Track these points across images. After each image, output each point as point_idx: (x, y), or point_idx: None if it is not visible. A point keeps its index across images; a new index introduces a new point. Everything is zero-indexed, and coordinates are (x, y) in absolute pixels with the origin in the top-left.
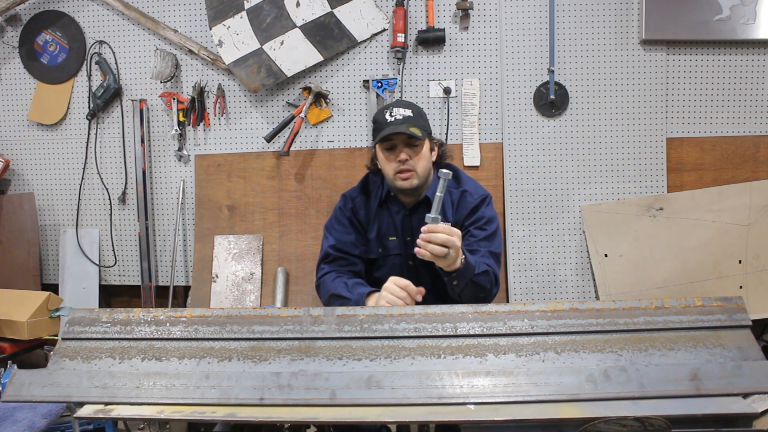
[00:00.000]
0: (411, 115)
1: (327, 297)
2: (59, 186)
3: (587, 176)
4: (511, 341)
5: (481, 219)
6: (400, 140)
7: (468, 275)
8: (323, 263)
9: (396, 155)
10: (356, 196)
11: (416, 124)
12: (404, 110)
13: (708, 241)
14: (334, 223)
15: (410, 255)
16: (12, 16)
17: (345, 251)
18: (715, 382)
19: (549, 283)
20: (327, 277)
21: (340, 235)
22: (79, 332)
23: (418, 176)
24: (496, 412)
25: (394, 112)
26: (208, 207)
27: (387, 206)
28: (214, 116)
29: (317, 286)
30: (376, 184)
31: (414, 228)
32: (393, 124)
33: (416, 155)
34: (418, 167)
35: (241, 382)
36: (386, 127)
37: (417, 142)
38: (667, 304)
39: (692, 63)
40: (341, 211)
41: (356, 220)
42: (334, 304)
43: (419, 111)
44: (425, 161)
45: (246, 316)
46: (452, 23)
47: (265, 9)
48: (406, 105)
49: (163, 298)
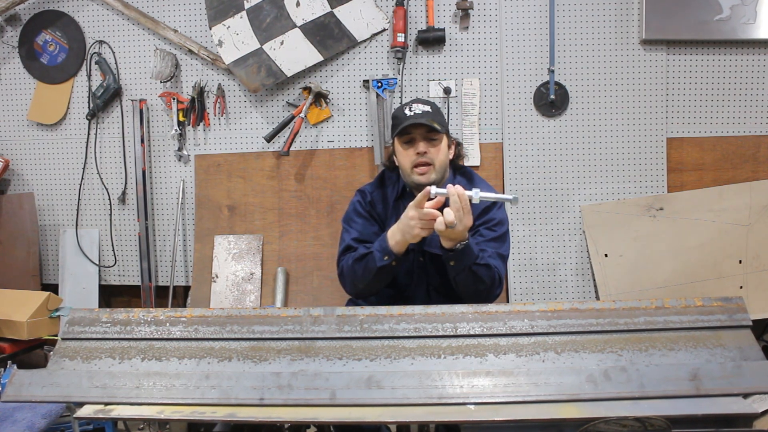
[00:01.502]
0: (430, 111)
1: (349, 266)
2: (59, 186)
3: (587, 176)
4: (511, 341)
5: (492, 220)
6: (419, 133)
7: (467, 261)
8: (345, 255)
9: (415, 148)
10: (373, 190)
11: (435, 119)
12: (424, 106)
13: (708, 241)
14: (354, 217)
15: (422, 251)
16: (12, 16)
17: (367, 242)
18: (716, 382)
19: (549, 283)
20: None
21: (362, 227)
22: (79, 332)
23: (435, 170)
24: (496, 412)
25: (413, 107)
26: (208, 207)
27: (403, 202)
28: (214, 116)
29: (340, 274)
30: (392, 180)
31: None
32: (412, 118)
33: (435, 149)
34: (437, 161)
35: (241, 382)
36: (406, 121)
37: (436, 136)
38: (667, 304)
39: (692, 63)
40: (360, 204)
41: (375, 213)
42: (357, 267)
43: (438, 108)
44: (443, 155)
45: (246, 316)
46: (452, 23)
47: (265, 9)
48: (425, 102)
49: (163, 298)
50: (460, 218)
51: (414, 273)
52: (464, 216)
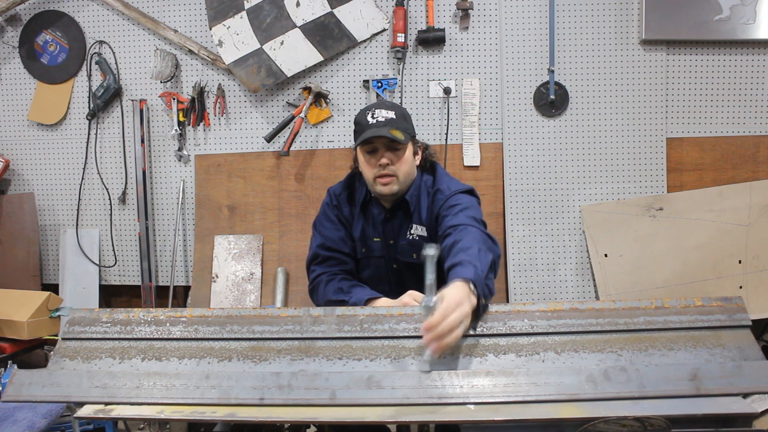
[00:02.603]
0: (394, 117)
1: (323, 301)
2: (59, 186)
3: (587, 176)
4: (511, 341)
5: (454, 205)
6: (381, 143)
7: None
8: (313, 265)
9: (377, 159)
10: (340, 192)
11: (399, 126)
12: (387, 112)
13: (708, 241)
14: (323, 220)
15: (394, 258)
16: (12, 16)
17: (334, 249)
18: (715, 382)
19: (549, 283)
20: (320, 281)
21: (329, 232)
22: (79, 332)
23: (398, 182)
24: (496, 412)
25: (376, 113)
26: (208, 207)
27: (369, 208)
28: (214, 116)
29: (310, 291)
30: (361, 183)
31: (395, 231)
32: (374, 126)
33: (398, 159)
34: (400, 172)
35: (241, 382)
36: (367, 130)
37: (399, 146)
38: (667, 304)
39: (692, 63)
40: (328, 207)
41: (342, 216)
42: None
43: (402, 113)
44: (407, 166)
45: (246, 316)
46: (452, 23)
47: (265, 9)
48: (389, 106)
49: (163, 298)
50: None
51: (389, 279)
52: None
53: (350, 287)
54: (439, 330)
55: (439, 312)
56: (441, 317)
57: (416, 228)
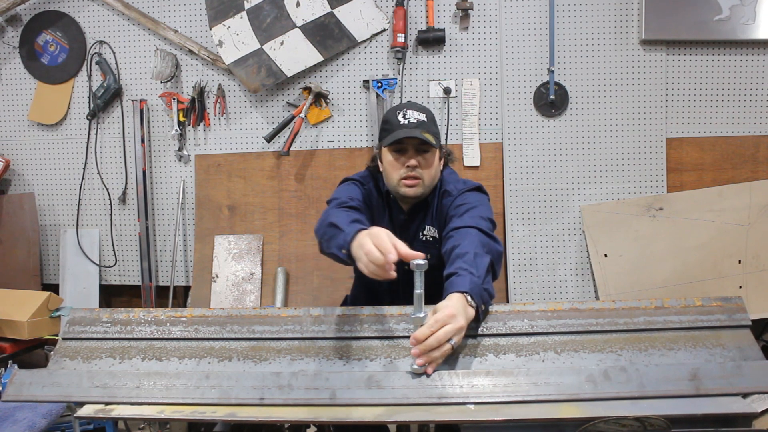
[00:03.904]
0: (425, 120)
1: (323, 224)
2: (59, 186)
3: (587, 176)
4: (511, 341)
5: (460, 205)
6: (411, 144)
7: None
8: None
9: (405, 160)
10: (366, 183)
11: (430, 130)
12: (419, 114)
13: (708, 241)
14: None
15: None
16: (12, 17)
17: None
18: (715, 382)
19: (549, 283)
20: (329, 209)
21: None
22: (79, 332)
23: (424, 185)
24: (496, 412)
25: (408, 114)
26: (208, 207)
27: (388, 206)
28: (214, 116)
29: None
30: (380, 180)
31: (411, 233)
32: (406, 127)
33: (426, 163)
34: (426, 177)
35: (241, 382)
36: (399, 129)
37: (429, 149)
38: (667, 304)
39: (692, 63)
40: (354, 184)
41: (369, 200)
42: (326, 233)
43: (432, 117)
44: (434, 171)
45: (246, 316)
46: (452, 23)
47: (265, 9)
48: (421, 108)
49: (163, 298)
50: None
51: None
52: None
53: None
54: (426, 344)
55: (428, 325)
56: (430, 331)
57: (429, 229)
